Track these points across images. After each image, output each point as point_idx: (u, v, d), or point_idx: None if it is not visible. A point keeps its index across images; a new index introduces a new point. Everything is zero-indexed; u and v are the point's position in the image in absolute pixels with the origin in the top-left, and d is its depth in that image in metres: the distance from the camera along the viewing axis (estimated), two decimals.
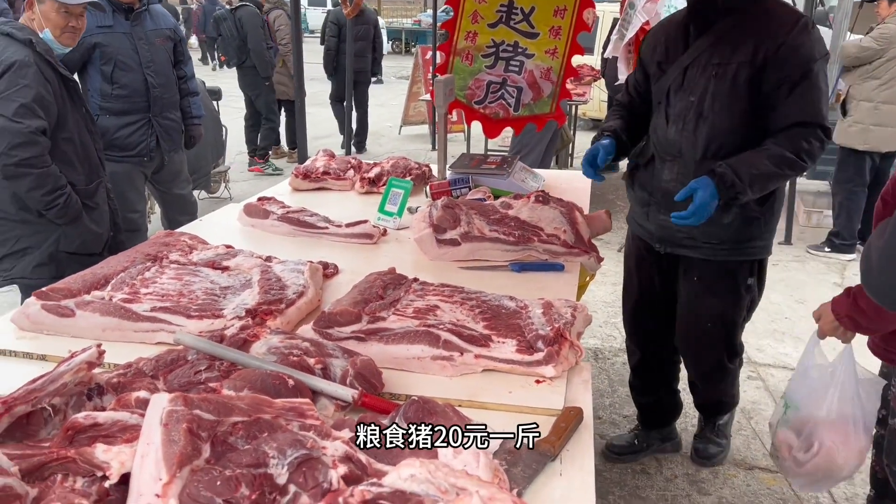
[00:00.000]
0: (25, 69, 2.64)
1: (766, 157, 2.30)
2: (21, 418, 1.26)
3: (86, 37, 3.71)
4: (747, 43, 2.36)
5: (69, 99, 2.83)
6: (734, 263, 2.62)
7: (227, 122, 7.36)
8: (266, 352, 1.51)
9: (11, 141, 2.61)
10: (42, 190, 2.70)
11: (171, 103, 4.09)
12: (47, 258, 2.82)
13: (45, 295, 1.77)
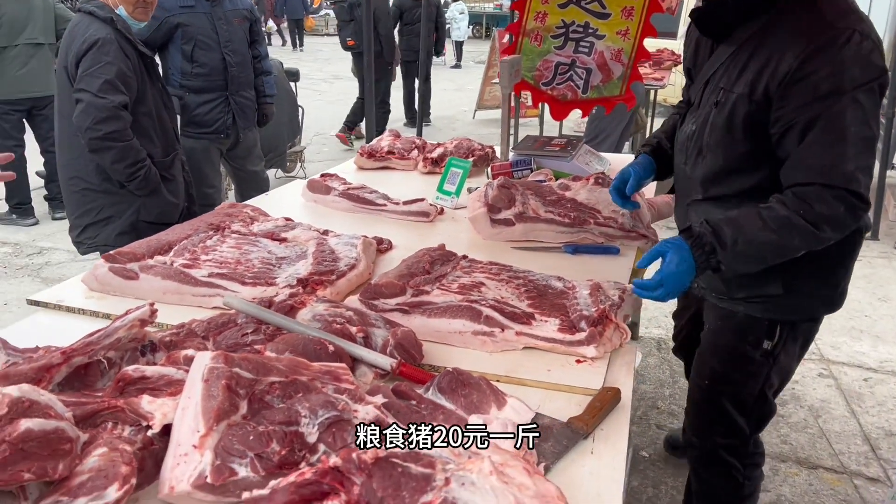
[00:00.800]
0: (108, 46, 2.78)
1: (764, 220, 1.67)
2: (79, 369, 1.35)
3: (168, 16, 3.88)
4: (749, 68, 1.76)
5: (147, 74, 2.96)
6: (743, 319, 1.98)
7: (304, 104, 7.53)
8: (311, 318, 1.56)
9: (96, 116, 2.76)
10: (124, 162, 2.84)
11: (247, 82, 4.23)
12: (128, 227, 2.97)
13: (112, 258, 1.87)
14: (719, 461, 2.15)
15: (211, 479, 1.09)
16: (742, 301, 1.95)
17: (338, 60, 17.56)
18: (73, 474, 1.10)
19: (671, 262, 1.68)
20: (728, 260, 1.68)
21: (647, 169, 2.21)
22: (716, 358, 2.08)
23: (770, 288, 1.89)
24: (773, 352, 1.98)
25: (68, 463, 1.10)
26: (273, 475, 1.07)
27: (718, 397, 2.09)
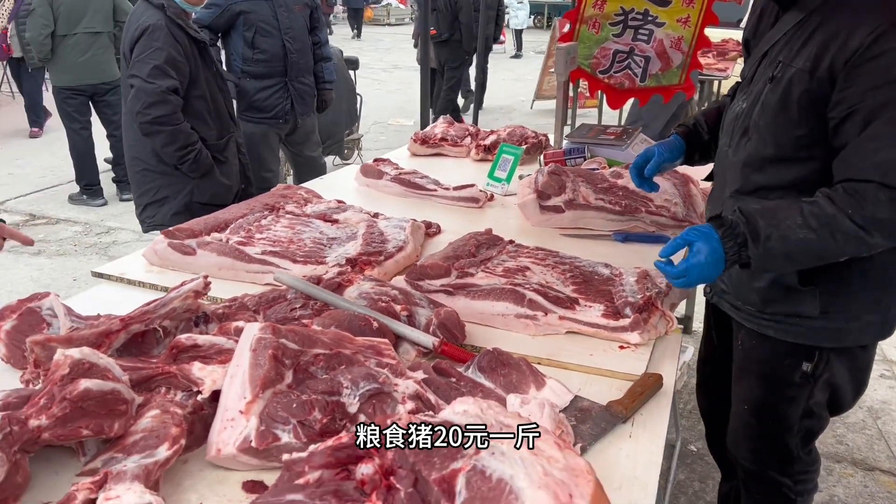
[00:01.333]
0: (157, 32, 2.88)
1: (805, 215, 1.46)
2: (136, 336, 1.42)
3: (231, 4, 3.99)
4: (814, 40, 1.54)
5: (200, 58, 3.04)
6: (777, 341, 1.74)
7: (363, 92, 7.61)
8: (357, 296, 1.60)
9: (146, 100, 2.86)
10: (174, 146, 2.94)
11: (306, 68, 4.31)
12: (182, 207, 3.08)
13: (171, 234, 1.95)
14: (769, 480, 1.94)
15: (255, 444, 1.13)
16: (772, 321, 1.71)
17: (398, 50, 17.68)
18: (128, 433, 1.16)
19: (699, 252, 1.50)
20: (758, 256, 1.48)
21: (675, 151, 2.02)
22: (753, 381, 1.84)
23: (805, 307, 1.65)
24: (815, 373, 1.73)
25: (123, 423, 1.17)
26: (314, 442, 1.11)
27: (761, 422, 1.86)
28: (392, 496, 0.85)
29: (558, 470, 0.83)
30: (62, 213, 5.83)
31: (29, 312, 1.51)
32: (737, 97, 1.80)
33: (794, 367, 1.73)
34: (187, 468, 1.19)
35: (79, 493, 1.02)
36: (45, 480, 1.14)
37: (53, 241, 5.24)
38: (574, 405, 1.36)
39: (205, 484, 1.15)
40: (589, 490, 0.81)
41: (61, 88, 5.70)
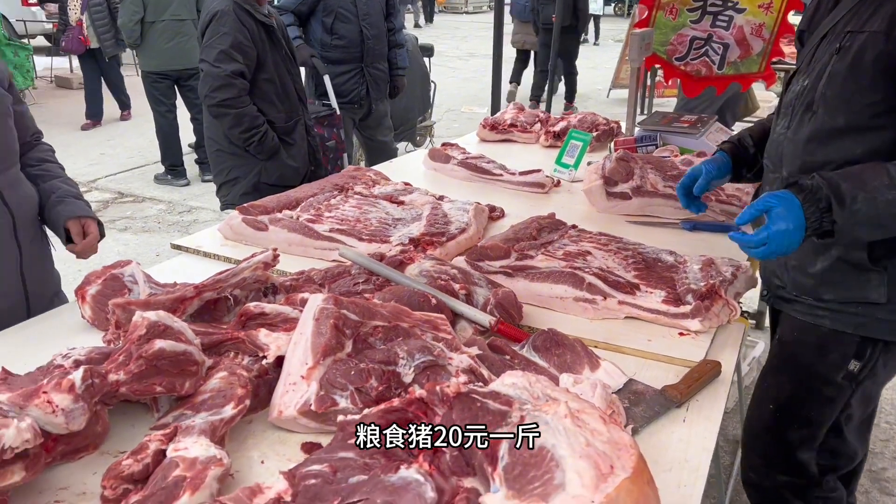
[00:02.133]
0: (225, 17, 2.98)
1: (892, 176, 1.39)
2: (208, 303, 1.50)
3: None
4: (887, 4, 1.47)
5: (269, 42, 3.13)
6: (828, 333, 1.62)
7: (437, 80, 7.66)
8: (418, 273, 1.63)
9: (212, 84, 2.98)
10: (239, 128, 3.04)
11: (381, 54, 4.38)
12: (251, 188, 3.19)
13: (245, 210, 2.03)
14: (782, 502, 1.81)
15: (314, 407, 1.19)
16: (828, 310, 1.60)
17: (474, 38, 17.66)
18: (197, 392, 1.24)
19: (779, 217, 1.41)
20: (845, 220, 1.38)
21: (722, 168, 1.91)
22: (786, 376, 1.72)
23: (871, 292, 1.53)
24: (859, 375, 1.61)
25: (194, 382, 1.24)
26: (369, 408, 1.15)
27: (784, 426, 1.74)
28: (438, 458, 0.89)
29: (601, 442, 0.85)
30: (148, 192, 6.12)
31: (112, 278, 1.62)
32: (792, 83, 1.71)
33: (839, 364, 1.62)
34: (251, 428, 1.25)
35: (151, 444, 1.10)
36: (122, 432, 1.23)
37: (139, 218, 5.51)
38: (628, 388, 1.36)
39: (267, 443, 1.21)
40: (631, 463, 0.82)
41: (148, 73, 5.98)
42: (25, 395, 1.06)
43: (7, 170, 1.77)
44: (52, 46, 11.99)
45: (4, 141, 1.76)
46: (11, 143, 1.80)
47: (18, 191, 1.79)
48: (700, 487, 1.13)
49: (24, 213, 1.79)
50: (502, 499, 0.79)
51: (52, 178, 1.95)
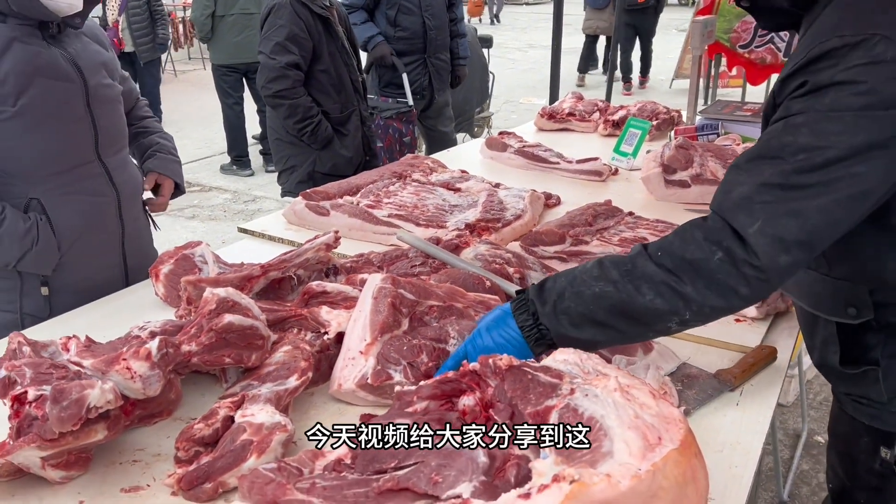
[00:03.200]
0: (282, 10, 3.06)
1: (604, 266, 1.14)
2: (274, 282, 1.57)
3: None
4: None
5: (326, 34, 3.20)
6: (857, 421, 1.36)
7: (496, 71, 7.66)
8: (473, 257, 1.67)
9: (268, 75, 3.07)
10: (293, 118, 3.13)
11: (443, 44, 4.44)
12: (306, 176, 3.29)
13: (308, 195, 2.11)
14: None
15: (371, 381, 1.24)
16: (848, 397, 1.36)
17: (534, 30, 17.54)
18: (263, 365, 1.30)
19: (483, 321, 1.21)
20: (550, 321, 1.13)
21: None
22: (834, 455, 1.49)
23: (871, 390, 1.29)
24: None
25: (260, 355, 1.31)
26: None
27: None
28: (490, 427, 0.92)
29: (650, 415, 0.87)
30: (214, 181, 6.33)
31: (183, 258, 1.70)
32: None
33: (872, 451, 1.37)
34: (313, 400, 1.31)
35: (220, 410, 1.17)
36: (193, 401, 1.30)
37: (206, 207, 5.71)
38: (682, 371, 1.37)
39: (327, 414, 1.27)
40: (679, 436, 0.84)
41: (218, 66, 6.17)
42: (107, 361, 1.14)
43: (117, 153, 1.89)
44: None
45: (116, 127, 1.89)
46: (122, 128, 1.93)
47: (125, 172, 1.91)
48: (751, 469, 1.13)
49: (129, 193, 1.91)
50: (551, 465, 0.81)
51: (151, 133, 2.13)
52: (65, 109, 1.74)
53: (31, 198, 1.72)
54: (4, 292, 1.77)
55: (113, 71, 1.91)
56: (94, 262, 1.84)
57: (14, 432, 1.03)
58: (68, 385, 1.01)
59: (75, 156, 1.78)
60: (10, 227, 1.67)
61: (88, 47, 1.83)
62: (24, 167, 1.71)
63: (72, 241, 1.78)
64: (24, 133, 1.68)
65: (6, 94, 1.64)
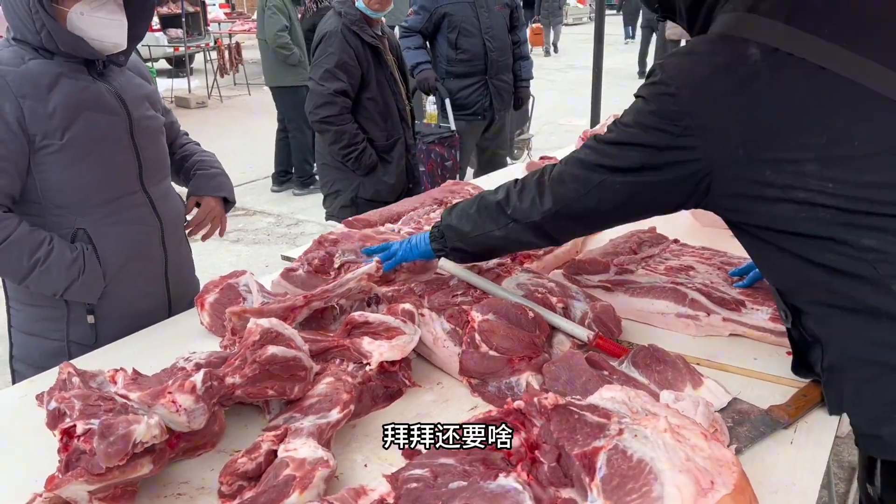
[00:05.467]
0: (333, 38, 3.11)
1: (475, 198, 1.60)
2: (317, 312, 1.57)
3: (437, 7, 4.25)
4: None
5: (375, 62, 3.24)
6: None
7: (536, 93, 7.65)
8: (515, 286, 1.65)
9: (316, 101, 3.12)
10: (339, 144, 3.17)
11: (505, 66, 4.48)
12: (349, 201, 3.32)
13: (350, 223, 2.12)
14: None
15: None
16: None
17: (574, 51, 17.53)
18: (306, 396, 1.31)
19: None
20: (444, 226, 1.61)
21: None
22: None
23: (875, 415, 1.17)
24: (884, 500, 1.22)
25: (302, 387, 1.31)
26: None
27: None
28: (536, 468, 0.90)
29: (702, 458, 0.84)
30: (258, 205, 6.43)
31: (228, 288, 1.72)
32: None
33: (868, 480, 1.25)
34: (354, 432, 1.31)
35: (263, 444, 1.17)
36: (236, 432, 1.31)
37: (250, 231, 5.80)
38: (732, 407, 1.32)
39: (369, 448, 1.26)
40: (732, 480, 0.81)
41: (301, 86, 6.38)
42: (153, 394, 1.16)
43: (160, 182, 1.94)
44: (172, 69, 12.85)
45: (159, 157, 1.94)
46: (164, 159, 1.98)
47: (168, 201, 1.96)
48: None
49: (172, 221, 1.95)
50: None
51: (192, 154, 2.16)
52: (110, 141, 1.79)
53: (78, 228, 1.76)
54: (51, 321, 1.81)
55: (155, 103, 1.96)
56: (139, 290, 1.88)
57: (63, 466, 1.05)
58: (115, 420, 1.03)
59: (120, 186, 1.83)
60: (58, 257, 1.71)
61: (132, 81, 1.88)
62: (71, 198, 1.75)
63: (117, 269, 1.81)
64: (71, 165, 1.73)
65: (54, 127, 1.69)
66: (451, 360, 1.46)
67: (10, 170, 1.67)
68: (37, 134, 1.68)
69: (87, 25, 1.69)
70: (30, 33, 1.67)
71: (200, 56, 12.83)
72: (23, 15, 1.65)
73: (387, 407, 1.39)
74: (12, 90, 1.64)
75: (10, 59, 1.68)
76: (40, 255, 1.69)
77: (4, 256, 1.66)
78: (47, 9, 1.62)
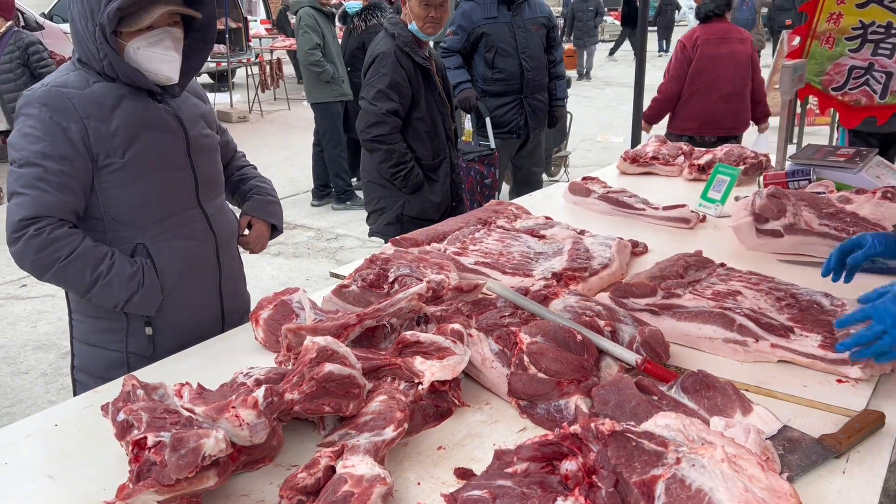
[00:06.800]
0: (385, 59, 3.16)
1: None
2: (368, 330, 1.61)
3: (475, 27, 4.32)
4: None
5: (425, 83, 3.29)
6: None
7: (573, 110, 7.67)
8: (562, 309, 1.67)
9: (368, 120, 3.17)
10: (389, 163, 3.21)
11: (541, 85, 4.53)
12: (394, 219, 3.36)
13: (397, 242, 2.16)
14: None
15: None
16: None
17: (610, 67, 17.50)
18: (360, 414, 1.34)
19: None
20: None
21: (890, 249, 1.72)
22: None
23: None
24: None
25: (357, 404, 1.35)
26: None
27: None
28: (594, 493, 0.92)
29: (759, 489, 0.85)
30: (299, 219, 6.54)
31: (282, 304, 1.77)
32: None
33: None
34: (406, 451, 1.34)
35: (322, 460, 1.21)
36: (293, 447, 1.35)
37: (290, 245, 5.89)
38: (783, 434, 1.32)
39: (422, 466, 1.29)
40: None
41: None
42: (217, 409, 1.20)
43: (215, 199, 2.01)
44: (215, 83, 13.14)
45: (213, 174, 2.01)
46: (218, 176, 2.05)
47: (222, 217, 2.03)
48: None
49: (225, 237, 2.02)
50: None
51: (250, 178, 2.23)
52: (168, 159, 1.87)
53: (137, 243, 1.84)
54: (112, 332, 1.88)
55: (211, 122, 2.03)
56: (194, 302, 1.94)
57: (134, 476, 1.09)
58: (186, 434, 1.07)
59: (178, 202, 1.90)
60: (119, 271, 1.78)
61: (188, 101, 1.96)
62: (131, 214, 1.83)
63: (174, 283, 1.88)
64: (132, 182, 1.81)
65: (116, 146, 1.77)
66: (499, 380, 1.48)
67: (76, 187, 1.75)
68: (100, 153, 1.76)
69: (143, 59, 1.77)
70: (94, 60, 1.76)
71: (242, 71, 13.10)
72: (90, 44, 1.74)
73: (437, 426, 1.41)
74: (78, 111, 1.73)
75: (76, 83, 1.77)
76: (102, 269, 1.76)
77: (70, 270, 1.73)
78: (110, 42, 1.70)
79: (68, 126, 1.73)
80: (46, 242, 1.70)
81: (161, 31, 1.76)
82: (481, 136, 4.49)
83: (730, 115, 4.66)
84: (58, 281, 1.77)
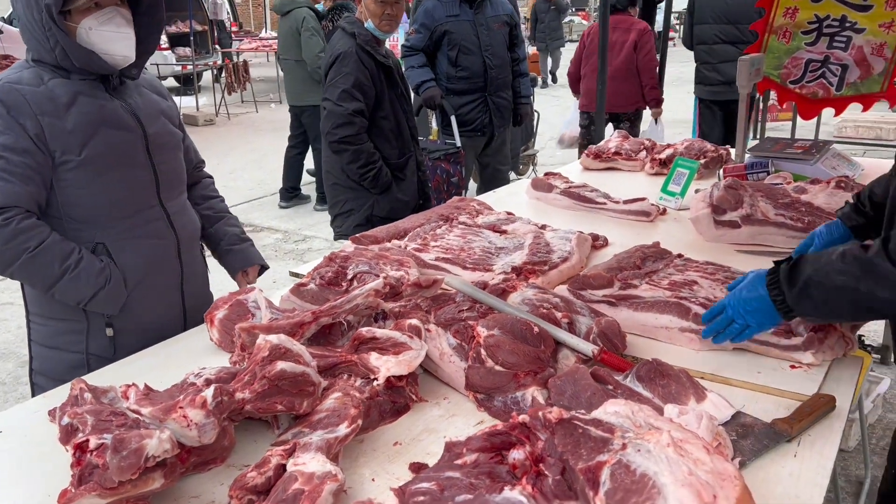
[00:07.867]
0: (347, 58, 3.13)
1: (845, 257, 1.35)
2: (325, 328, 1.59)
3: (437, 25, 4.30)
4: None
5: (386, 82, 3.26)
6: None
7: (540, 109, 7.71)
8: (520, 302, 1.67)
9: (335, 122, 3.13)
10: (357, 163, 3.18)
11: (505, 83, 4.53)
12: (364, 220, 3.33)
13: (357, 240, 2.15)
14: None
15: None
16: None
17: None
18: (314, 412, 1.32)
19: (742, 286, 1.49)
20: (794, 303, 1.40)
21: (837, 239, 1.82)
22: None
23: None
24: None
25: (311, 402, 1.33)
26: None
27: None
28: (541, 481, 0.92)
29: (704, 472, 0.85)
30: (266, 222, 6.48)
31: (237, 304, 1.75)
32: None
33: None
34: (362, 447, 1.32)
35: (272, 458, 1.19)
36: (246, 447, 1.33)
37: (258, 247, 5.82)
38: (736, 420, 1.33)
39: (377, 462, 1.28)
40: (734, 494, 0.82)
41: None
42: (164, 409, 1.18)
43: (177, 197, 1.98)
44: (181, 87, 12.98)
45: (176, 172, 1.99)
46: (182, 174, 2.02)
47: (184, 216, 2.00)
48: None
49: (188, 236, 2.00)
50: None
51: (217, 220, 2.19)
52: (127, 157, 1.83)
53: (97, 242, 1.80)
54: (72, 334, 1.85)
55: (173, 118, 2.00)
56: (156, 303, 1.92)
57: (76, 480, 1.07)
58: (128, 434, 1.05)
59: (138, 201, 1.87)
60: (88, 265, 1.75)
61: (148, 97, 1.93)
62: (90, 213, 1.79)
63: (135, 282, 1.85)
64: (90, 181, 1.77)
65: (72, 143, 1.74)
66: (457, 374, 1.47)
67: (38, 180, 1.72)
68: (56, 150, 1.73)
69: (96, 40, 1.73)
70: (46, 52, 1.72)
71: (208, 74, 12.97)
72: (38, 34, 1.70)
73: (394, 422, 1.40)
74: (32, 108, 1.70)
75: (30, 80, 1.73)
76: (70, 262, 1.73)
77: (38, 262, 1.69)
78: (59, 24, 1.67)
79: (23, 123, 1.70)
80: (15, 232, 1.66)
81: (111, 10, 1.74)
82: (447, 135, 4.48)
83: (614, 94, 5.16)
84: (23, 273, 1.73)
